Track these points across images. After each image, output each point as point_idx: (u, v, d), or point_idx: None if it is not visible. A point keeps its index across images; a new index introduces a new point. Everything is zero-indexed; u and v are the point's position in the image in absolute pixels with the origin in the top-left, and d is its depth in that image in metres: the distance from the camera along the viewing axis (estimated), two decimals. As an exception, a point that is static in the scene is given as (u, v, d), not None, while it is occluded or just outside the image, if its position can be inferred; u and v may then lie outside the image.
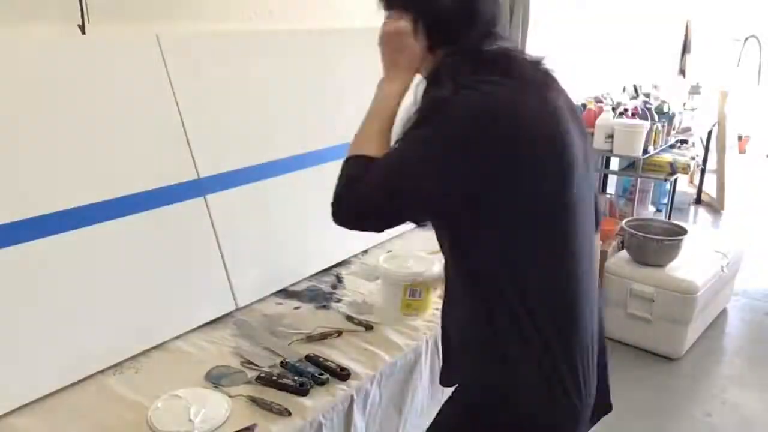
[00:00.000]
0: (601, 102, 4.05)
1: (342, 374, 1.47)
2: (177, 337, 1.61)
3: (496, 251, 1.07)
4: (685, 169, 4.20)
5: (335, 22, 2.34)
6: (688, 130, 4.60)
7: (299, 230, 1.97)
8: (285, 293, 1.88)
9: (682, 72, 5.93)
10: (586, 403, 1.12)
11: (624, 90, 4.72)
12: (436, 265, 1.75)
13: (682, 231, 3.16)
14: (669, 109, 4.28)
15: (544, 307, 1.07)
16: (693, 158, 4.31)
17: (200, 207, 1.74)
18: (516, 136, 1.03)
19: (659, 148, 4.02)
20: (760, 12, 6.17)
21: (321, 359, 1.51)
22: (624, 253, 3.28)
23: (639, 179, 3.94)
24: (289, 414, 1.32)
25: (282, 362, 1.49)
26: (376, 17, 1.19)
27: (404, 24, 1.13)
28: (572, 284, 1.09)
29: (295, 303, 1.82)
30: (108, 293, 1.52)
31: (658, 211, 4.55)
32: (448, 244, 1.15)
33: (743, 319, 3.52)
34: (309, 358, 1.51)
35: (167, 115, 1.71)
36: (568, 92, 1.16)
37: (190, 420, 1.28)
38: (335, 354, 1.54)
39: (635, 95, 4.63)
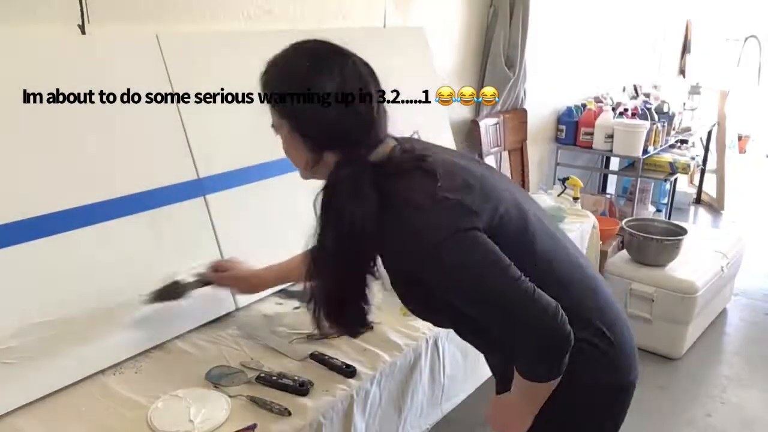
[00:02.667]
0: (601, 102, 4.05)
1: (347, 371, 1.47)
2: (177, 337, 1.61)
3: None
4: (685, 169, 4.21)
5: (335, 22, 2.34)
6: (688, 130, 4.60)
7: (299, 230, 1.97)
8: (285, 293, 1.87)
9: (682, 72, 5.93)
10: None
11: (624, 90, 4.72)
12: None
13: (682, 231, 3.16)
14: (669, 109, 4.28)
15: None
16: (693, 158, 4.32)
17: (200, 207, 1.74)
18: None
19: (659, 148, 4.03)
20: (760, 12, 6.18)
21: (326, 357, 1.51)
22: (624, 253, 3.28)
23: (639, 179, 3.95)
24: (289, 414, 1.32)
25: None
26: (375, 17, 1.19)
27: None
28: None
29: (295, 303, 1.82)
30: (108, 293, 1.52)
31: (658, 211, 4.55)
32: None
33: (743, 319, 3.52)
34: (314, 356, 1.52)
35: (167, 115, 1.71)
36: None
37: (190, 420, 1.28)
38: (336, 354, 1.54)
39: (635, 95, 4.64)
